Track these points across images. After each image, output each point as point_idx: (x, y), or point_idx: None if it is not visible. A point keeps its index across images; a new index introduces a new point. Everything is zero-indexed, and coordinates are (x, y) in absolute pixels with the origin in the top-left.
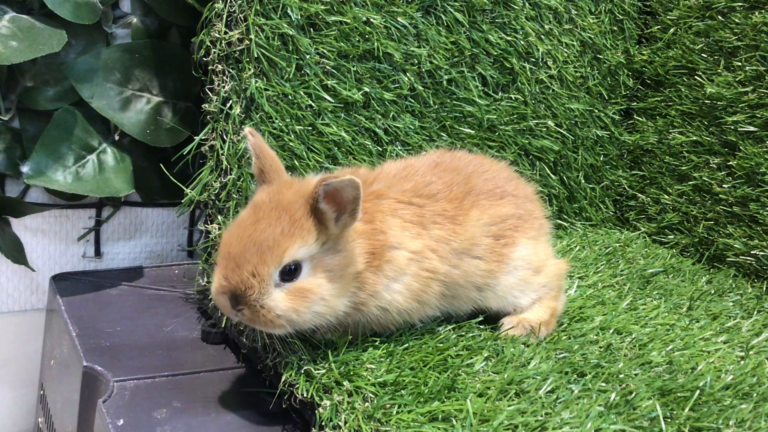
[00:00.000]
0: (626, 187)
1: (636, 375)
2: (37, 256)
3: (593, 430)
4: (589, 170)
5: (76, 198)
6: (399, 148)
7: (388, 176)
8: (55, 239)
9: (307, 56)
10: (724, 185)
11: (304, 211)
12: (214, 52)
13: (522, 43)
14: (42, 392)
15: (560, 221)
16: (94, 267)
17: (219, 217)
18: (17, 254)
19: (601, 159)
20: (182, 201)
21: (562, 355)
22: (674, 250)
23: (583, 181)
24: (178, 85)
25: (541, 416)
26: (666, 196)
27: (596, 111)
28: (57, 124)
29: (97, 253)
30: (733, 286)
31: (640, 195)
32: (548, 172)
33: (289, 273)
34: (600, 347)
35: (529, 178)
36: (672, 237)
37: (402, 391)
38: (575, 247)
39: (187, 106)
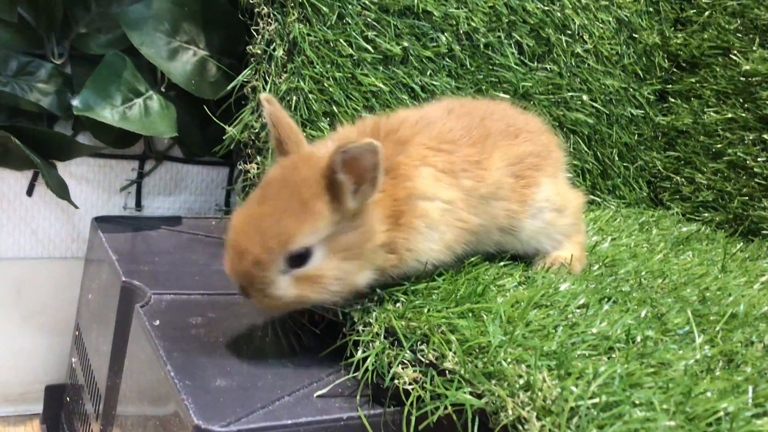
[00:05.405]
0: (660, 168)
1: (669, 303)
2: (80, 204)
3: (624, 333)
4: (624, 149)
5: (121, 145)
6: None
7: (409, 122)
8: (98, 188)
9: (350, 6)
10: (759, 159)
11: (318, 188)
12: None
13: (558, 14)
14: (77, 332)
15: (593, 197)
16: None
17: (258, 157)
18: (62, 192)
19: (636, 138)
20: (223, 139)
21: (593, 286)
22: (709, 227)
23: (617, 159)
24: (223, 42)
25: (571, 323)
26: (700, 175)
27: (631, 89)
28: (107, 65)
29: (138, 205)
30: None
31: (674, 176)
32: (582, 146)
33: (298, 259)
34: (632, 283)
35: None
36: (706, 215)
37: (433, 295)
38: (608, 217)
39: (230, 63)
